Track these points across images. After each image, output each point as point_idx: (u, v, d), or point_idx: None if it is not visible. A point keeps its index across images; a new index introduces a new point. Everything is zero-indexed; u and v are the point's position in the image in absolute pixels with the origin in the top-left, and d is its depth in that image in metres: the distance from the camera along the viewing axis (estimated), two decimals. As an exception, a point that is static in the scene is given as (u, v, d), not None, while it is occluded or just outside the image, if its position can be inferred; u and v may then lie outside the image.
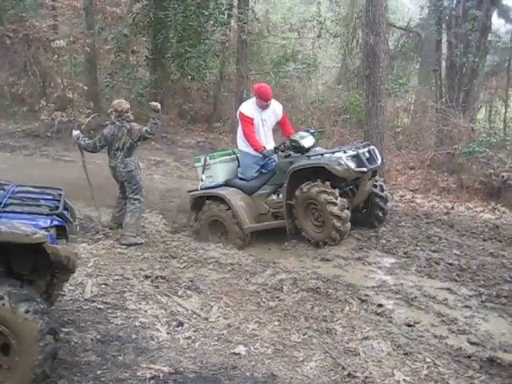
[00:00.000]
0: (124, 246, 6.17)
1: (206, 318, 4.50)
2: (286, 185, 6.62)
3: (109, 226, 6.75)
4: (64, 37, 15.87)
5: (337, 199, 6.27)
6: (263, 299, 4.95)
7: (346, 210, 6.36)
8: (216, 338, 4.17)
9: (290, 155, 6.86)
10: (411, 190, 9.63)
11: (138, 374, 3.52)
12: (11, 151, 13.01)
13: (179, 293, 4.96)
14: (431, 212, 8.31)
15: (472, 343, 4.33)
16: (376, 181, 7.10)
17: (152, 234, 6.76)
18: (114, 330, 4.11)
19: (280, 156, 7.15)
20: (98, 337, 3.97)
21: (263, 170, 7.14)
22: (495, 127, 12.04)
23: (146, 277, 5.23)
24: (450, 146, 10.47)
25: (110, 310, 4.47)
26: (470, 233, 7.29)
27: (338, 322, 4.52)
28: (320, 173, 6.43)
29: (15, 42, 15.01)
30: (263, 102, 6.97)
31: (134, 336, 4.05)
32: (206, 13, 13.77)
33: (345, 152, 6.53)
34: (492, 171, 9.41)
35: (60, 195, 3.76)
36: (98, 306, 4.52)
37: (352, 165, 6.36)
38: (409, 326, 4.58)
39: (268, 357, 3.91)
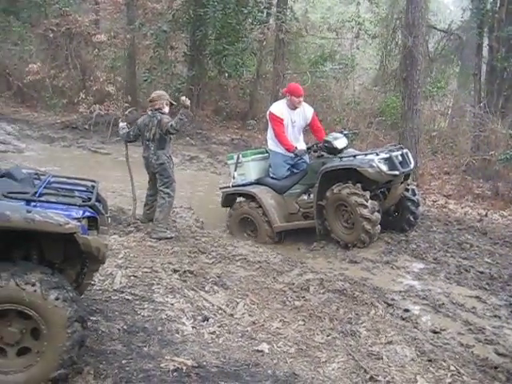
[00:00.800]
0: (154, 240, 6.26)
1: (231, 314, 4.54)
2: (317, 185, 6.61)
3: (140, 221, 6.84)
4: (105, 31, 16.18)
5: (367, 201, 6.24)
6: (289, 298, 4.97)
7: (376, 213, 6.30)
8: (240, 334, 4.20)
9: (322, 156, 6.86)
10: (445, 196, 9.49)
11: (162, 365, 3.57)
12: (50, 142, 13.35)
13: (206, 288, 5.00)
14: (464, 218, 8.19)
15: (499, 354, 4.26)
16: (408, 184, 7.04)
17: (182, 229, 6.84)
18: (141, 322, 4.17)
19: (312, 156, 7.16)
20: (125, 327, 4.04)
21: (294, 170, 7.17)
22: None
23: (175, 271, 5.28)
24: (486, 152, 10.29)
25: (137, 302, 4.54)
26: (504, 241, 7.16)
27: (363, 325, 4.50)
28: (352, 174, 6.41)
29: (58, 35, 15.41)
30: (295, 99, 6.99)
31: (159, 328, 4.11)
32: (245, 11, 13.84)
33: (377, 154, 6.50)
34: (529, 179, 9.24)
35: (93, 187, 3.85)
36: (126, 297, 4.60)
37: (384, 167, 6.33)
38: (434, 332, 4.53)
39: (291, 356, 3.93)
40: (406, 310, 4.91)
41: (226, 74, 14.66)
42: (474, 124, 11.45)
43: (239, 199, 7.18)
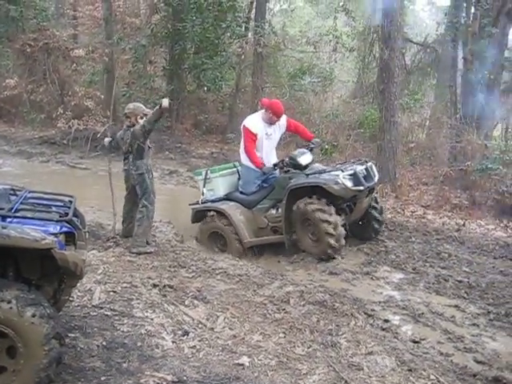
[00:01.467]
0: (134, 255, 6.21)
1: (212, 328, 4.51)
2: (284, 201, 6.66)
3: (120, 237, 6.78)
4: (83, 46, 16.16)
5: (331, 217, 6.31)
6: (269, 311, 4.96)
7: (340, 228, 6.37)
8: (220, 348, 4.18)
9: (289, 171, 6.89)
10: (423, 206, 9.58)
11: (142, 381, 3.54)
12: (28, 157, 13.23)
13: (186, 302, 4.97)
14: (442, 228, 8.27)
15: (478, 362, 4.31)
16: (372, 196, 7.18)
17: (162, 243, 6.79)
18: (120, 337, 4.13)
19: (280, 171, 7.12)
20: (104, 343, 4.00)
21: (264, 185, 7.16)
22: (510, 144, 11.99)
23: (154, 285, 5.24)
24: (463, 163, 10.43)
25: (116, 317, 4.49)
26: (481, 250, 7.27)
27: (343, 336, 4.51)
28: (318, 190, 6.47)
29: (35, 50, 15.32)
30: (274, 118, 7.00)
31: (139, 343, 4.07)
32: (224, 25, 13.95)
33: (342, 171, 6.55)
34: (505, 189, 9.39)
35: (71, 202, 3.82)
36: (106, 313, 4.55)
37: (349, 184, 6.40)
38: (414, 342, 4.57)
39: (271, 368, 3.91)
40: (386, 321, 4.94)
41: (205, 88, 14.74)
42: (450, 135, 11.63)
43: (209, 213, 7.17)
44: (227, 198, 7.20)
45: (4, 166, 12.08)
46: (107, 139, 7.04)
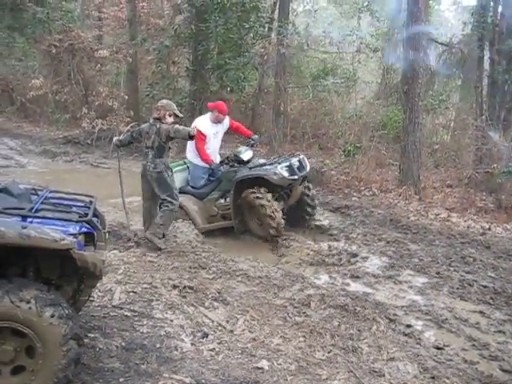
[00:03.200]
0: (154, 255, 6.20)
1: (231, 331, 4.48)
2: (232, 192, 7.55)
3: (140, 237, 6.76)
4: (107, 47, 16.27)
5: (269, 202, 7.23)
6: (290, 314, 4.91)
7: (278, 212, 7.27)
8: (240, 351, 4.15)
9: (233, 166, 7.82)
10: (447, 209, 9.42)
11: (160, 383, 3.52)
12: (52, 157, 13.37)
13: (206, 304, 4.95)
14: (467, 232, 8.13)
15: (504, 371, 4.23)
16: (305, 184, 8.12)
17: (182, 244, 6.79)
18: (139, 338, 4.12)
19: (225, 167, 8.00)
20: (123, 344, 3.99)
21: (211, 178, 8.05)
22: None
23: (174, 286, 5.23)
24: (489, 165, 10.24)
25: (136, 318, 4.49)
26: (507, 255, 7.13)
27: (365, 341, 4.45)
28: (260, 180, 7.37)
29: (61, 51, 15.46)
30: (221, 116, 7.92)
31: (158, 345, 4.06)
32: (247, 26, 13.87)
33: (279, 163, 7.54)
34: (532, 192, 9.18)
35: (91, 202, 3.82)
36: (125, 314, 4.55)
37: (286, 174, 7.36)
38: (438, 348, 4.49)
39: (291, 373, 3.87)
40: (409, 326, 4.87)
41: (228, 89, 14.67)
42: (476, 137, 11.41)
43: None
44: (180, 191, 7.51)
45: (29, 165, 12.23)
46: (116, 138, 7.04)
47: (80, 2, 20.95)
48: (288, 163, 7.54)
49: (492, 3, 12.60)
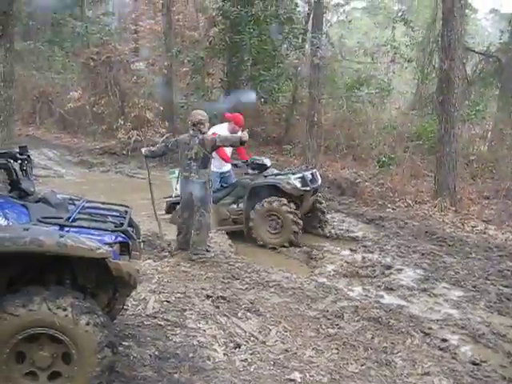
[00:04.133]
0: (188, 265, 6.24)
1: (264, 342, 4.47)
2: (246, 197, 7.96)
3: (173, 250, 6.80)
4: (143, 59, 16.57)
5: (294, 210, 7.68)
6: (323, 326, 4.88)
7: (300, 219, 7.75)
8: (272, 362, 4.13)
9: (248, 173, 8.27)
10: (484, 221, 9.24)
11: (192, 393, 3.54)
12: (89, 167, 13.65)
13: (239, 314, 4.95)
14: (505, 245, 7.95)
15: (543, 388, 4.09)
16: (317, 195, 8.56)
17: (216, 254, 6.81)
18: (172, 348, 4.15)
19: (238, 174, 8.60)
20: (156, 353, 4.03)
21: (223, 184, 8.38)
22: None
23: (208, 296, 5.25)
24: (528, 177, 10.02)
25: (169, 327, 4.52)
26: (547, 269, 6.92)
27: (399, 355, 4.38)
28: (272, 189, 7.83)
29: (98, 64, 15.81)
30: (237, 128, 8.02)
31: (191, 355, 4.07)
32: (281, 37, 13.97)
33: (293, 174, 8.01)
34: None
35: (126, 212, 3.88)
36: (159, 323, 4.59)
37: (298, 184, 7.78)
38: (474, 364, 4.38)
39: (323, 385, 3.84)
40: (444, 340, 4.76)
41: (262, 100, 14.77)
42: (514, 147, 11.19)
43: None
44: None
45: (66, 175, 12.51)
46: (145, 149, 7.06)
47: (117, 15, 21.45)
48: (301, 174, 7.98)
49: (531, 11, 12.37)
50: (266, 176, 8.04)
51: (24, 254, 2.99)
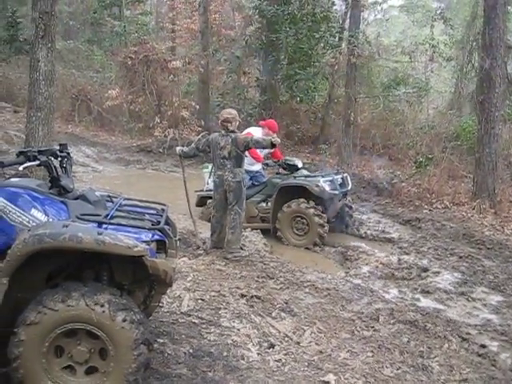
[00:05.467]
0: (223, 263, 6.25)
1: (298, 342, 4.45)
2: (274, 196, 8.11)
3: (208, 249, 6.82)
4: (180, 58, 16.71)
5: (321, 213, 7.78)
6: (358, 328, 4.82)
7: (326, 222, 7.85)
8: (306, 363, 4.10)
9: (279, 173, 8.47)
10: (526, 224, 9.01)
11: (226, 392, 3.54)
12: (126, 164, 13.83)
13: (273, 314, 4.94)
14: (546, 249, 7.73)
15: None
16: (346, 198, 8.64)
17: (251, 253, 6.81)
18: (207, 346, 4.16)
19: (270, 174, 8.77)
20: (191, 351, 4.04)
21: (254, 183, 8.52)
22: None
23: (242, 295, 5.25)
24: None
25: (204, 326, 4.54)
26: None
27: (436, 360, 4.30)
28: (301, 191, 7.92)
29: (136, 62, 16.02)
30: (270, 133, 7.96)
31: (225, 353, 4.08)
32: (317, 36, 13.92)
33: (323, 177, 8.11)
34: None
35: (163, 210, 3.90)
36: (193, 321, 4.61)
37: (327, 187, 7.87)
38: (515, 371, 4.27)
39: (358, 389, 3.79)
40: (483, 346, 4.66)
41: (298, 99, 14.73)
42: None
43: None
44: None
45: (104, 172, 12.69)
46: (179, 148, 7.10)
47: (155, 15, 21.67)
48: (331, 178, 8.13)
49: None
50: (295, 177, 8.18)
51: (63, 251, 3.04)
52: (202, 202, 8.62)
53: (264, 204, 8.43)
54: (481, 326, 5.13)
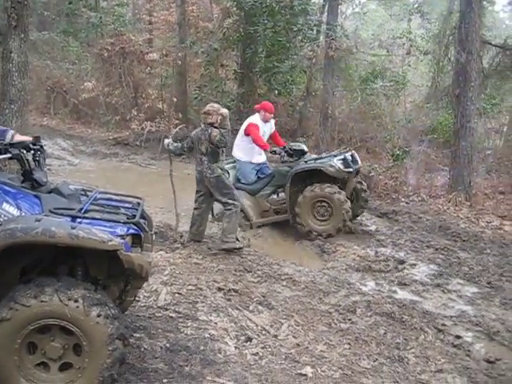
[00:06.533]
0: (200, 257, 6.23)
1: (275, 336, 4.45)
2: (288, 185, 7.83)
3: (186, 242, 6.79)
4: (157, 50, 16.53)
5: (345, 197, 7.61)
6: (335, 320, 4.85)
7: (349, 206, 7.70)
8: (284, 356, 4.11)
9: (285, 161, 8.06)
10: (499, 216, 9.12)
11: (203, 386, 3.53)
12: (102, 158, 13.67)
13: (250, 307, 4.93)
14: (520, 240, 7.84)
15: (559, 387, 4.03)
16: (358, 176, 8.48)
17: (218, 243, 6.78)
18: (184, 340, 4.14)
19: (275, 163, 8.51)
20: (168, 345, 4.02)
21: (260, 175, 8.23)
22: None
23: (219, 289, 5.24)
24: (544, 172, 9.88)
25: (181, 320, 4.51)
26: None
27: (412, 351, 4.34)
28: (314, 175, 7.76)
29: (112, 54, 15.79)
30: (268, 115, 8.05)
31: (202, 347, 4.06)
32: (295, 28, 13.86)
33: (335, 156, 7.90)
34: None
35: (139, 204, 3.85)
36: (170, 315, 4.58)
37: (342, 166, 7.68)
38: (489, 362, 4.33)
39: (335, 381, 3.81)
40: (458, 337, 4.72)
41: (276, 92, 14.66)
42: (531, 142, 11.04)
43: None
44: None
45: (80, 166, 12.52)
46: (167, 141, 7.04)
47: (131, 6, 21.41)
48: (342, 156, 7.87)
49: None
50: (306, 161, 7.92)
51: (36, 245, 2.99)
52: None
53: (275, 196, 8.19)
54: (456, 317, 5.19)
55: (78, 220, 3.17)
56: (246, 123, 8.09)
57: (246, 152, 8.05)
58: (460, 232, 8.08)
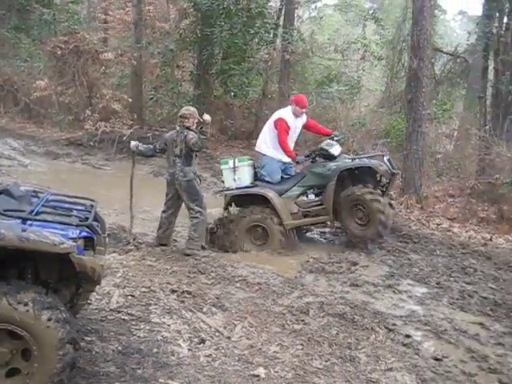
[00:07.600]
0: (154, 259, 6.21)
1: (229, 337, 4.47)
2: (333, 183, 7.21)
3: (153, 245, 6.75)
4: (112, 49, 16.32)
5: (380, 197, 7.07)
6: (288, 322, 4.89)
7: (388, 207, 7.25)
8: (237, 358, 4.13)
9: (316, 161, 7.53)
10: (449, 219, 9.40)
11: (156, 389, 3.51)
12: (55, 158, 13.40)
13: (204, 309, 4.94)
14: (468, 242, 8.08)
15: (503, 383, 4.17)
16: None
17: (182, 249, 6.78)
18: (136, 343, 4.11)
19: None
20: (120, 348, 3.98)
21: (284, 176, 7.66)
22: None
23: (173, 291, 5.22)
24: (491, 176, 10.21)
25: (133, 322, 4.48)
26: (508, 266, 7.05)
27: (363, 351, 4.42)
28: (359, 174, 7.30)
29: (66, 53, 15.46)
30: (300, 110, 7.54)
31: (154, 350, 4.04)
32: (252, 31, 13.94)
33: (383, 155, 7.55)
34: (535, 204, 9.15)
35: (92, 206, 3.81)
36: (123, 317, 4.54)
37: (390, 166, 7.33)
38: (436, 359, 4.45)
39: (287, 381, 3.85)
40: (408, 336, 4.83)
41: (232, 94, 14.71)
42: (479, 147, 11.40)
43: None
44: (256, 185, 7.41)
45: (31, 166, 12.22)
46: (134, 143, 6.99)
47: (86, 4, 21.05)
48: (388, 157, 7.60)
49: (497, 13, 12.64)
50: (353, 159, 7.54)
51: (-16, 248, 2.92)
52: (235, 201, 7.68)
53: (305, 197, 7.51)
54: (406, 317, 5.31)
55: (29, 222, 3.11)
56: (275, 115, 7.65)
57: (275, 147, 7.52)
58: (411, 234, 8.25)
